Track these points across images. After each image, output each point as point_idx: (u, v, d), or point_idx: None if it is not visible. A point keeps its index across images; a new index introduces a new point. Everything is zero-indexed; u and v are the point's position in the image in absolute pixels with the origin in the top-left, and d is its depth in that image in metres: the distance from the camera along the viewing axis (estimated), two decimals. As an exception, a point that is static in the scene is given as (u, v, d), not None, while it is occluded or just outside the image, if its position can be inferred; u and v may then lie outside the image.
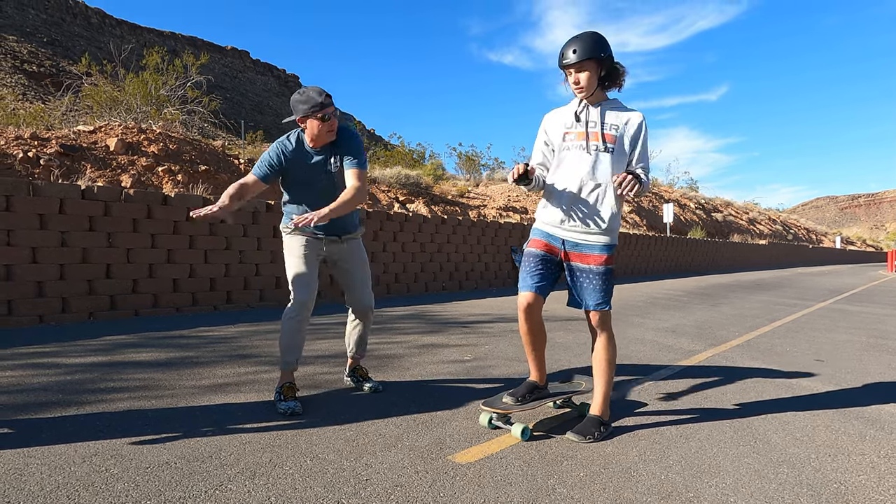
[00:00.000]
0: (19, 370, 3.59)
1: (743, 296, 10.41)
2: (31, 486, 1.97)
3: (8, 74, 32.17)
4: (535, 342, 2.76)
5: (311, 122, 2.89)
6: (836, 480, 2.24)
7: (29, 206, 5.53)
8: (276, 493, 1.98)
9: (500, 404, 2.72)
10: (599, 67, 2.62)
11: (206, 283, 6.79)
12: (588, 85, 2.63)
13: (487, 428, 2.72)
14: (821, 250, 37.28)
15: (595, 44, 2.59)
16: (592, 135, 2.66)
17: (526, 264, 2.77)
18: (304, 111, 2.87)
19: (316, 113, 2.86)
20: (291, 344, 3.00)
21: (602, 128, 2.66)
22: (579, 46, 2.58)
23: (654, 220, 23.66)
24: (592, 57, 2.57)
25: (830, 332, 6.13)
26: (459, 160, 22.33)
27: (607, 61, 2.62)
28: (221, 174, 10.56)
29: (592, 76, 2.62)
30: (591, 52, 2.57)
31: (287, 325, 2.98)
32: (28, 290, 5.49)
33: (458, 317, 6.72)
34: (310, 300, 2.99)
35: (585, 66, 2.60)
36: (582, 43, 2.58)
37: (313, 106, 2.85)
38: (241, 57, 60.41)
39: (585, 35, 2.62)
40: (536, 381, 2.83)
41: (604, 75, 2.64)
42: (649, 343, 5.18)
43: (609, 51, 2.62)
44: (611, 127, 2.66)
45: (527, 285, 2.71)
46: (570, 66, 2.61)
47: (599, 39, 2.61)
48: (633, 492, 2.09)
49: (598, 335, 2.73)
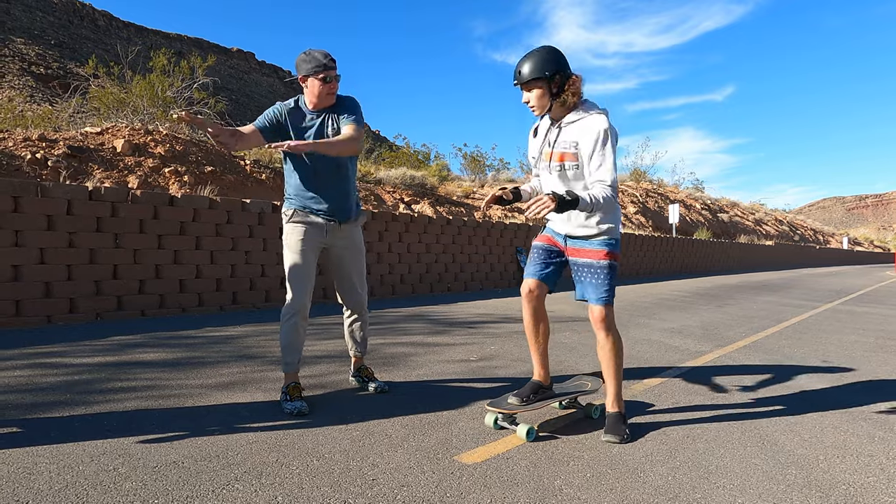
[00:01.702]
0: (28, 370, 3.61)
1: (749, 297, 10.36)
2: (40, 485, 1.99)
3: (16, 76, 32.39)
4: (537, 332, 2.77)
5: (313, 81, 2.91)
6: (845, 482, 2.23)
7: (37, 207, 5.56)
8: (283, 493, 1.99)
9: (505, 405, 2.73)
10: (549, 85, 2.55)
11: (212, 284, 6.81)
12: (539, 104, 2.59)
13: (493, 428, 2.71)
14: (828, 251, 37.07)
15: (543, 61, 2.52)
16: (555, 155, 2.65)
17: (531, 255, 2.83)
18: (306, 70, 2.90)
19: (318, 73, 2.89)
20: (291, 344, 3.00)
21: (558, 147, 2.62)
22: (526, 66, 2.54)
23: (660, 221, 23.59)
24: (539, 76, 2.52)
25: (838, 334, 6.09)
26: (464, 161, 22.32)
27: (558, 77, 2.54)
28: (227, 175, 10.60)
29: (543, 94, 2.57)
30: (538, 71, 2.52)
31: (285, 326, 2.99)
32: (36, 290, 5.52)
33: (463, 317, 6.72)
34: (306, 300, 2.99)
35: (533, 85, 2.56)
36: (530, 61, 2.54)
37: (317, 66, 2.88)
38: (247, 58, 60.64)
39: (534, 52, 2.57)
40: (541, 382, 2.83)
41: (555, 91, 2.56)
42: (655, 344, 5.16)
43: (559, 66, 2.53)
44: (568, 145, 2.60)
45: (530, 272, 2.76)
46: (519, 85, 2.59)
47: (548, 56, 2.54)
48: (640, 492, 2.08)
49: (600, 331, 2.70)
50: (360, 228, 3.25)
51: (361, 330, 3.37)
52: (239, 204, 7.17)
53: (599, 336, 2.71)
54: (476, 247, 10.94)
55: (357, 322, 3.34)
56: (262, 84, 58.02)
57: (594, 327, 2.71)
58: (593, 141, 2.52)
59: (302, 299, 2.97)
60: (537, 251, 2.80)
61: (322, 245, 3.10)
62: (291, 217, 3.03)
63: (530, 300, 2.72)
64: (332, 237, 3.11)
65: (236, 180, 10.67)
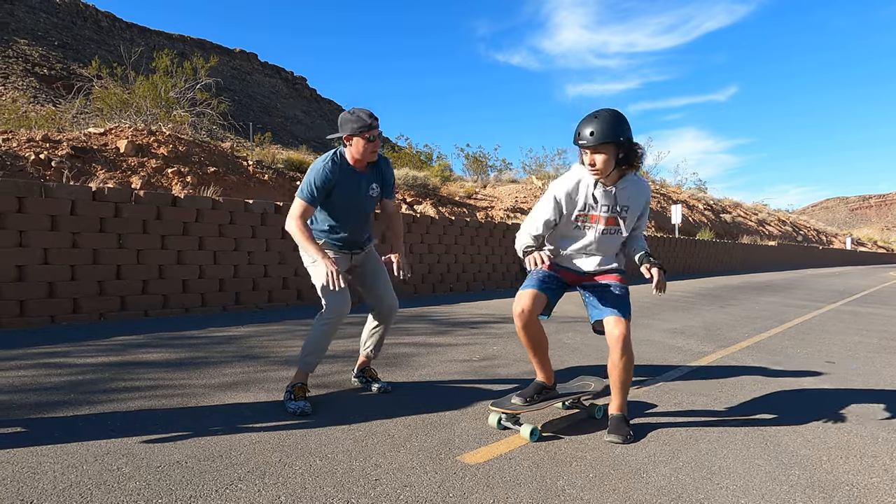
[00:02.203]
0: (32, 370, 3.62)
1: (752, 297, 10.34)
2: (45, 485, 1.99)
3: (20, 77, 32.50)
4: (535, 347, 2.73)
5: (358, 140, 2.93)
6: (849, 482, 2.23)
7: (41, 207, 5.58)
8: (286, 493, 1.99)
9: (508, 405, 2.73)
10: (617, 150, 2.53)
11: (215, 284, 6.83)
12: (604, 168, 2.55)
13: (496, 429, 2.72)
14: (831, 251, 36.97)
15: (614, 126, 2.49)
16: (608, 220, 2.68)
17: (536, 274, 2.76)
18: (351, 129, 2.92)
19: (364, 133, 2.91)
20: (318, 347, 3.01)
21: (618, 212, 2.68)
22: (597, 128, 2.48)
23: (663, 222, 23.56)
24: (611, 141, 2.49)
25: (841, 334, 6.08)
26: (467, 161, 22.33)
27: (626, 144, 2.52)
28: (230, 176, 10.62)
29: (609, 159, 2.53)
30: (609, 136, 2.48)
31: (319, 329, 2.99)
32: (40, 290, 5.54)
33: (465, 318, 6.72)
34: (345, 307, 3.00)
35: (602, 150, 2.51)
36: (600, 124, 2.48)
37: (362, 126, 2.90)
38: (250, 59, 60.71)
39: (604, 115, 2.51)
40: (544, 382, 2.83)
41: (622, 157, 2.55)
42: (658, 344, 5.16)
43: (628, 132, 2.52)
44: (624, 209, 2.68)
45: (530, 284, 2.71)
46: (586, 147, 2.53)
47: (619, 120, 2.51)
48: (643, 493, 2.08)
49: (619, 349, 2.60)
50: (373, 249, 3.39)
51: (383, 335, 3.39)
52: (242, 204, 7.18)
53: (616, 356, 2.61)
54: (478, 247, 10.94)
55: (381, 328, 3.36)
56: (265, 85, 58.10)
57: (614, 346, 2.61)
58: (644, 203, 2.75)
59: (342, 306, 2.98)
60: (542, 273, 2.76)
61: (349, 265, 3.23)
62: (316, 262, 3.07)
63: (522, 319, 2.62)
64: (358, 260, 3.28)
65: (239, 181, 10.69)
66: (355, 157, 2.98)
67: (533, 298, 2.64)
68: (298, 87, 62.66)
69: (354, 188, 3.04)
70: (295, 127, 50.04)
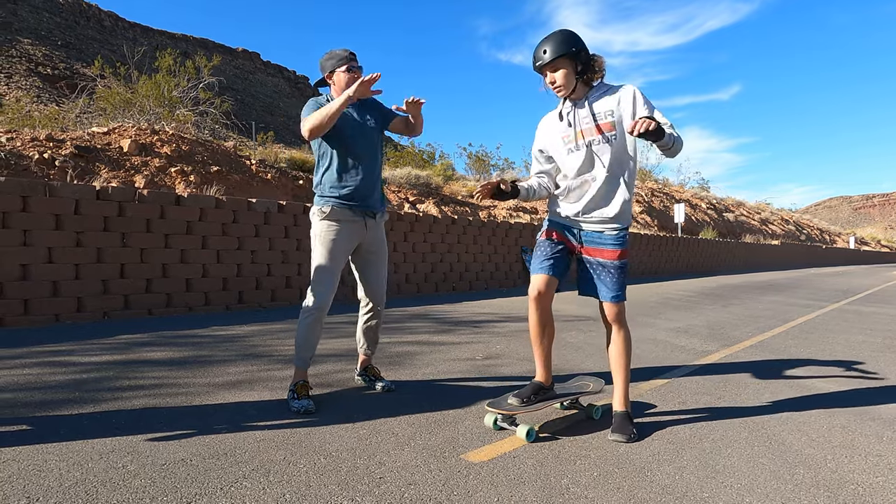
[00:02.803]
0: (36, 368, 3.63)
1: (755, 296, 10.32)
2: (50, 482, 2.00)
3: (23, 77, 32.58)
4: (542, 335, 2.71)
5: (339, 74, 3.06)
6: (854, 482, 2.22)
7: (45, 206, 5.60)
8: (291, 491, 2.00)
9: (505, 405, 2.69)
10: (575, 63, 2.57)
11: (218, 283, 6.84)
12: (566, 83, 2.58)
13: (493, 429, 2.70)
14: (834, 251, 36.87)
15: (566, 40, 2.54)
16: (588, 131, 2.63)
17: (539, 250, 2.77)
18: (331, 66, 3.07)
19: (342, 66, 3.04)
20: (307, 342, 3.02)
21: (595, 120, 2.61)
22: (550, 45, 2.54)
23: (666, 221, 23.52)
24: (565, 54, 2.53)
25: (845, 334, 6.06)
26: (469, 160, 22.31)
27: (582, 55, 2.56)
28: (233, 175, 10.63)
29: (569, 73, 2.57)
30: (563, 49, 2.53)
31: (304, 323, 3.01)
32: (44, 289, 5.56)
33: (468, 317, 6.72)
34: (328, 300, 3.02)
35: (559, 64, 2.56)
36: (552, 42, 2.55)
37: (340, 59, 3.06)
38: (252, 59, 60.79)
39: (555, 33, 2.58)
40: (542, 382, 2.78)
41: (580, 69, 2.58)
42: (661, 343, 5.15)
43: (582, 44, 2.57)
44: (605, 115, 2.60)
45: (538, 268, 2.69)
46: (544, 66, 2.58)
47: (570, 35, 2.57)
48: (648, 491, 2.08)
49: (613, 328, 2.72)
50: (382, 225, 3.32)
51: (376, 330, 3.39)
52: (245, 203, 7.19)
53: (612, 330, 2.73)
54: (481, 246, 10.94)
55: (373, 319, 3.35)
56: (268, 84, 58.15)
57: (607, 322, 2.73)
58: (632, 101, 2.54)
59: (325, 299, 3.00)
60: (542, 246, 2.76)
61: (357, 242, 3.16)
62: (328, 215, 3.05)
63: (538, 301, 2.65)
64: (366, 235, 3.18)
65: (242, 180, 10.70)
66: (340, 91, 3.04)
67: (547, 283, 2.66)
68: (301, 87, 62.68)
69: (351, 121, 3.06)
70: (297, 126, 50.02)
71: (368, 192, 3.13)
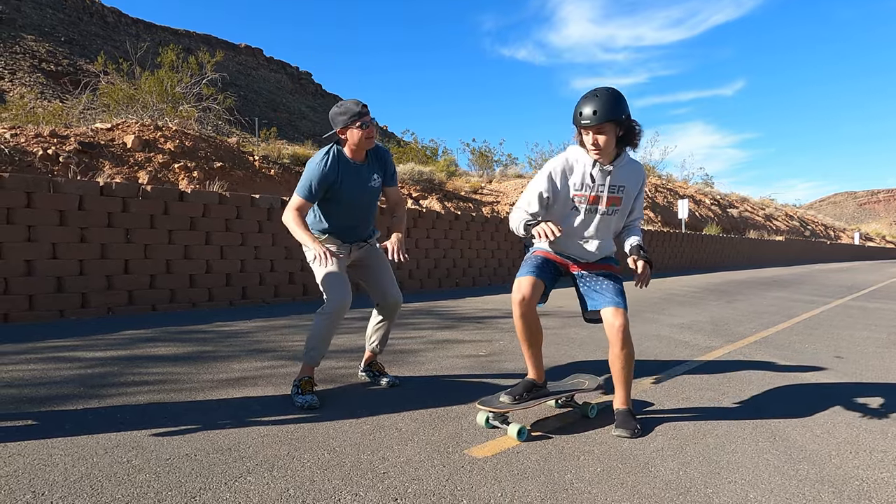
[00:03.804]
0: (42, 363, 3.65)
1: (759, 292, 10.29)
2: (56, 476, 2.01)
3: (27, 73, 32.63)
4: (530, 337, 2.68)
5: (352, 131, 2.94)
6: (858, 477, 2.22)
7: (49, 202, 5.61)
8: (295, 485, 2.00)
9: (497, 403, 2.65)
10: (618, 129, 2.53)
11: (221, 279, 6.85)
12: (606, 147, 2.55)
13: (485, 427, 2.65)
14: (839, 246, 36.74)
15: (615, 104, 2.48)
16: (605, 199, 2.67)
17: (531, 259, 2.78)
18: (343, 122, 2.93)
19: (355, 122, 2.92)
20: (323, 339, 3.01)
21: (615, 192, 2.68)
22: (599, 107, 2.46)
23: (669, 217, 23.46)
24: (612, 119, 2.48)
25: (850, 329, 6.04)
26: (472, 156, 22.27)
27: (626, 122, 2.53)
28: (236, 171, 10.64)
29: (611, 139, 2.53)
30: (612, 114, 2.47)
31: (321, 322, 2.99)
32: (49, 285, 5.58)
33: (471, 312, 6.72)
34: (345, 301, 2.99)
35: (605, 129, 2.50)
36: (602, 103, 2.47)
37: (352, 115, 2.91)
38: (255, 55, 60.76)
39: (604, 94, 2.49)
40: (535, 380, 2.76)
41: (622, 136, 2.56)
42: (665, 339, 5.15)
43: (628, 110, 2.53)
44: (619, 189, 2.68)
45: (528, 272, 2.66)
46: (589, 126, 2.51)
47: (619, 99, 2.51)
48: (651, 487, 2.08)
49: (620, 341, 2.60)
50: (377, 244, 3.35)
51: (388, 329, 3.38)
52: (248, 199, 7.20)
53: (616, 348, 2.61)
54: (484, 242, 10.93)
55: (386, 323, 3.34)
56: (270, 80, 58.11)
57: (614, 337, 2.60)
58: (640, 184, 2.74)
59: (344, 298, 2.97)
60: (536, 259, 2.75)
61: (350, 260, 3.22)
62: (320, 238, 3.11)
63: (522, 306, 2.59)
64: (360, 255, 3.26)
65: (245, 176, 10.71)
66: (353, 148, 2.99)
67: (532, 286, 2.61)
68: (304, 83, 62.67)
69: (355, 181, 3.04)
70: (300, 122, 50.06)
71: (359, 233, 3.20)
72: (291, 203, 2.96)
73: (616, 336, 2.61)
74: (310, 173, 2.94)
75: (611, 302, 2.65)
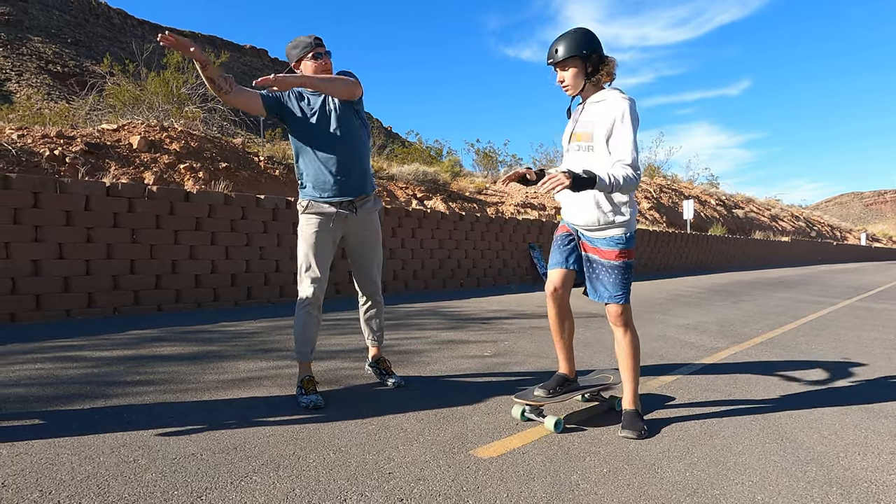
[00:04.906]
0: (48, 363, 3.66)
1: (765, 293, 10.25)
2: (63, 475, 2.02)
3: (34, 75, 32.82)
4: (562, 330, 2.77)
5: (305, 63, 2.96)
6: (867, 479, 2.20)
7: (56, 202, 5.64)
8: (301, 485, 2.00)
9: (532, 397, 2.75)
10: (585, 64, 2.58)
11: (227, 279, 6.87)
12: (573, 83, 2.61)
13: (520, 420, 2.73)
14: (845, 247, 36.55)
15: (579, 40, 2.55)
16: (576, 135, 2.67)
17: (554, 246, 2.80)
18: (297, 55, 2.97)
19: (308, 53, 2.94)
20: (304, 334, 3.03)
21: (584, 127, 2.62)
22: (563, 44, 2.56)
23: (674, 217, 23.39)
24: (576, 55, 2.55)
25: (857, 330, 6.01)
26: (477, 157, 22.26)
27: (594, 57, 2.58)
28: (242, 171, 10.66)
29: (578, 73, 2.59)
30: (575, 50, 2.55)
31: (299, 315, 3.02)
32: (55, 285, 5.60)
33: (476, 313, 6.71)
34: (319, 292, 3.00)
35: (569, 64, 2.58)
36: (566, 41, 2.56)
37: (305, 47, 2.95)
38: (260, 55, 60.97)
39: (570, 32, 2.59)
40: (566, 374, 2.85)
41: (590, 71, 2.59)
42: (671, 340, 5.13)
43: (595, 46, 2.58)
44: (587, 124, 2.60)
45: (554, 262, 2.73)
46: (555, 64, 2.61)
47: (585, 35, 2.57)
48: (658, 488, 2.07)
49: (617, 327, 2.70)
50: (377, 216, 3.25)
51: (377, 318, 3.37)
52: (253, 200, 7.21)
53: (617, 333, 2.71)
54: (489, 242, 10.92)
55: (372, 309, 3.34)
56: (275, 81, 58.24)
57: (614, 327, 2.72)
58: (612, 119, 2.48)
59: (313, 292, 3.00)
60: (558, 241, 2.79)
61: (340, 234, 3.12)
62: (307, 208, 3.04)
63: (554, 297, 2.71)
64: (351, 225, 3.11)
65: (250, 176, 10.73)
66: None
67: (563, 278, 2.69)
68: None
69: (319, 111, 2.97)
70: (305, 123, 50.10)
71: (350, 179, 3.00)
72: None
73: (615, 326, 2.70)
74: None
75: (606, 295, 2.67)
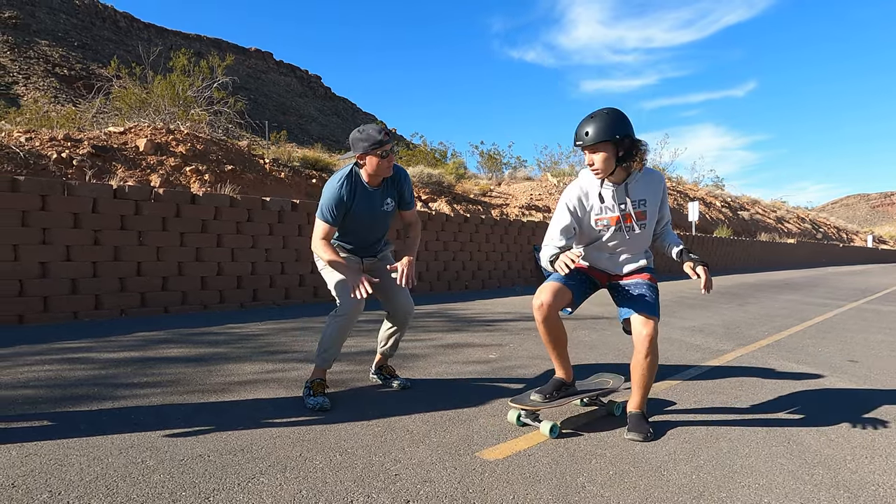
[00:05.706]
0: (56, 364, 3.69)
1: (771, 295, 10.21)
2: (72, 476, 2.03)
3: (41, 78, 33.04)
4: (554, 342, 2.72)
5: (371, 158, 2.91)
6: (874, 482, 2.19)
7: (63, 205, 5.67)
8: (307, 487, 2.01)
9: (528, 401, 2.72)
10: (616, 148, 2.51)
11: (233, 281, 6.89)
12: (604, 167, 2.53)
13: (516, 425, 2.72)
14: (852, 249, 36.37)
15: (611, 124, 2.47)
16: (626, 217, 2.66)
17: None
18: (363, 148, 2.89)
19: (376, 150, 2.88)
20: (333, 343, 3.01)
21: (634, 207, 2.65)
22: (593, 128, 2.48)
23: (680, 219, 23.34)
24: (607, 139, 2.47)
25: (863, 333, 5.98)
26: (481, 159, 22.28)
27: (626, 142, 2.51)
28: (247, 174, 10.70)
29: (609, 158, 2.51)
30: (606, 134, 2.47)
31: (334, 324, 2.99)
32: (63, 287, 5.64)
33: (481, 315, 6.72)
34: (361, 305, 2.98)
35: (600, 148, 2.50)
36: (596, 124, 2.48)
37: (373, 144, 2.87)
38: (265, 58, 61.17)
39: (600, 115, 2.51)
40: (564, 379, 2.82)
41: (622, 156, 2.53)
42: (677, 342, 5.12)
43: (627, 129, 2.50)
44: (639, 203, 2.66)
45: (556, 277, 2.65)
46: (584, 147, 2.53)
47: (616, 118, 2.49)
48: (664, 490, 2.07)
49: (645, 348, 2.56)
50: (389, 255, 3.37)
51: (399, 337, 3.37)
52: (259, 202, 7.24)
53: (641, 356, 2.59)
54: (493, 245, 10.92)
55: (398, 331, 3.33)
56: (280, 83, 58.46)
57: (640, 345, 2.58)
58: (661, 192, 2.72)
59: (356, 303, 2.95)
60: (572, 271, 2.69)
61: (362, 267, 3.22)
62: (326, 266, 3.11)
63: (539, 311, 2.60)
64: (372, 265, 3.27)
65: (256, 178, 10.77)
66: (370, 173, 2.96)
67: (554, 292, 2.61)
68: (313, 86, 62.98)
69: (368, 206, 3.03)
70: (310, 125, 50.34)
71: (368, 251, 3.23)
72: (316, 232, 2.97)
73: (642, 344, 2.57)
74: (326, 197, 2.94)
75: (638, 310, 2.62)
